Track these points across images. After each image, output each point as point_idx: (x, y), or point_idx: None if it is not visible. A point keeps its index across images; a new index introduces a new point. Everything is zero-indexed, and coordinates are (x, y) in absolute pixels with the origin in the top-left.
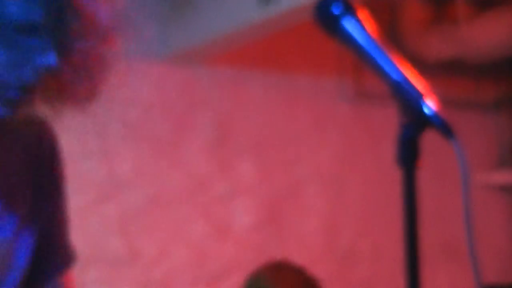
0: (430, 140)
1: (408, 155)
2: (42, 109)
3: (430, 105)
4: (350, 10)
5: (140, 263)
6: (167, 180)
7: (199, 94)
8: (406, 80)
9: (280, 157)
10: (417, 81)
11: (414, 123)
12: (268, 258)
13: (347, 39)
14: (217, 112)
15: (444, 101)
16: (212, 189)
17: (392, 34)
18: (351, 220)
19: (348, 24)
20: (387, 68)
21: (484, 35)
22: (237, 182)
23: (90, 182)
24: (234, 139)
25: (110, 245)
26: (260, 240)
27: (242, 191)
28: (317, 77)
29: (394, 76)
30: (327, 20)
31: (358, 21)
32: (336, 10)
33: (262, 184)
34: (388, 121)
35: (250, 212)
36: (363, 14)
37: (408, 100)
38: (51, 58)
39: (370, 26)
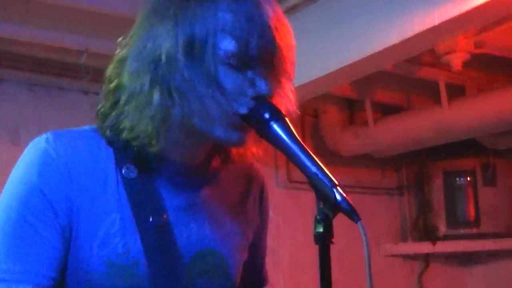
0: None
1: (323, 234)
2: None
3: (340, 193)
4: (277, 116)
5: None
6: None
7: None
8: (321, 172)
9: None
10: (330, 174)
11: (328, 208)
12: None
13: (275, 139)
14: None
15: (356, 187)
16: None
17: (316, 133)
18: (285, 278)
19: (276, 127)
20: (306, 162)
21: (386, 135)
22: None
23: None
24: None
25: None
26: None
27: None
28: None
29: (312, 169)
30: (258, 123)
31: (284, 124)
32: (266, 115)
33: None
34: (312, 201)
35: None
36: (287, 119)
37: (323, 189)
38: (264, 88)
39: (293, 128)
